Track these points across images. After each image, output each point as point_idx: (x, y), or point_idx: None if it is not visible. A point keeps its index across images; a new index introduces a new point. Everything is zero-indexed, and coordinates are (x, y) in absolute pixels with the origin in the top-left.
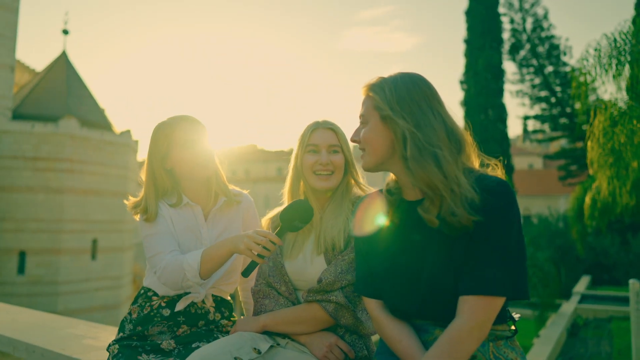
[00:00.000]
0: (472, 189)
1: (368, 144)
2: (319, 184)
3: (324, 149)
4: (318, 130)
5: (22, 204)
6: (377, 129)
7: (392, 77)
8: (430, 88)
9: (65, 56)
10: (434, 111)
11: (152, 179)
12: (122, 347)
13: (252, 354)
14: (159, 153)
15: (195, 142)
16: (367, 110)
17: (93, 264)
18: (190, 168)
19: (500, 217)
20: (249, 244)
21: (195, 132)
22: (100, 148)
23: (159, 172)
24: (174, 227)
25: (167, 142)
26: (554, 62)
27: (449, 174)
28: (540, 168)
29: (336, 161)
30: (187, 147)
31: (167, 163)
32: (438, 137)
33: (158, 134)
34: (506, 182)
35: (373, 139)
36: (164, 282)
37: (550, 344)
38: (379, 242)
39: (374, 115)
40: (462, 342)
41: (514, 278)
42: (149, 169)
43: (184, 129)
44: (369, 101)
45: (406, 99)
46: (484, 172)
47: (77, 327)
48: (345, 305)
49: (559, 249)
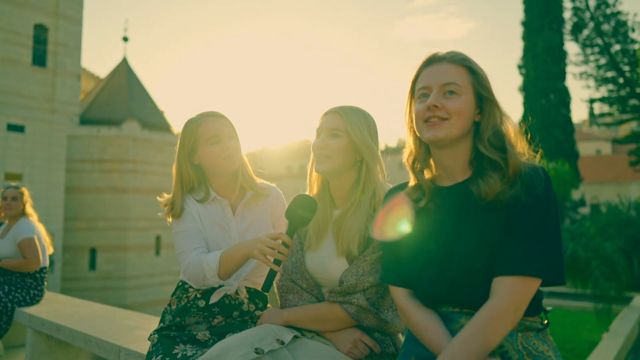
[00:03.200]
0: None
1: (457, 115)
2: (317, 167)
3: (324, 133)
4: (326, 116)
5: (91, 204)
6: (471, 104)
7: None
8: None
9: (126, 62)
10: None
11: (179, 176)
12: (161, 337)
13: (275, 345)
14: (186, 149)
15: (221, 137)
16: (463, 82)
17: (157, 259)
18: (217, 163)
19: (540, 199)
20: (262, 249)
21: (220, 127)
22: (161, 149)
23: (185, 168)
24: (201, 223)
25: (194, 138)
26: (621, 40)
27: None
28: (609, 153)
29: (332, 144)
30: (212, 142)
31: (194, 159)
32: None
33: (185, 131)
34: (543, 167)
35: (465, 112)
36: (188, 279)
37: (621, 339)
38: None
39: (469, 90)
40: (496, 323)
41: (551, 261)
42: (177, 166)
43: (209, 124)
44: (466, 74)
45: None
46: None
47: (132, 318)
48: (367, 308)
49: (631, 239)
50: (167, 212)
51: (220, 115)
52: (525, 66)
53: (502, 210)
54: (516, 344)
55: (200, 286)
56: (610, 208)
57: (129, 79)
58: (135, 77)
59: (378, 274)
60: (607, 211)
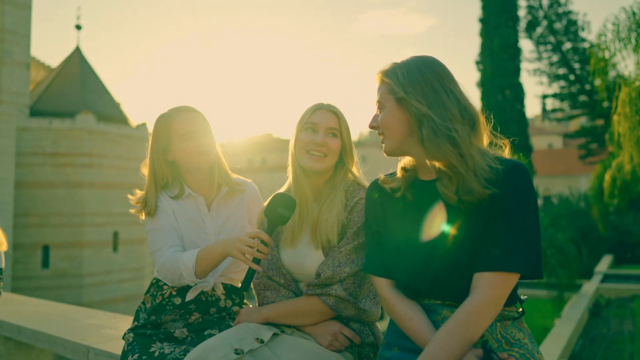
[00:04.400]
0: (489, 166)
1: (386, 128)
2: (309, 163)
3: (322, 130)
4: (320, 111)
5: (44, 199)
6: (394, 112)
7: (404, 62)
8: (442, 68)
9: (79, 51)
10: (447, 90)
11: (153, 172)
12: (136, 336)
13: (255, 344)
14: (159, 145)
15: (195, 132)
16: (383, 96)
17: (115, 256)
18: (191, 158)
19: (519, 195)
20: (241, 248)
21: (194, 123)
22: (117, 142)
23: (158, 165)
24: (176, 220)
25: (167, 134)
26: (571, 38)
27: (464, 151)
28: (560, 147)
29: (332, 144)
30: (186, 138)
31: (168, 155)
32: (452, 116)
33: (157, 126)
34: (523, 163)
35: (390, 123)
36: (163, 278)
37: (572, 324)
38: (392, 220)
39: (389, 99)
40: (478, 318)
41: (530, 256)
42: (150, 162)
43: (183, 120)
44: (384, 87)
45: (419, 81)
46: (499, 155)
47: (97, 317)
48: (345, 298)
49: (580, 229)
50: (140, 210)
51: (193, 110)
52: (482, 62)
53: (483, 206)
54: (495, 333)
55: (176, 284)
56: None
57: (82, 69)
58: (89, 67)
59: (354, 264)
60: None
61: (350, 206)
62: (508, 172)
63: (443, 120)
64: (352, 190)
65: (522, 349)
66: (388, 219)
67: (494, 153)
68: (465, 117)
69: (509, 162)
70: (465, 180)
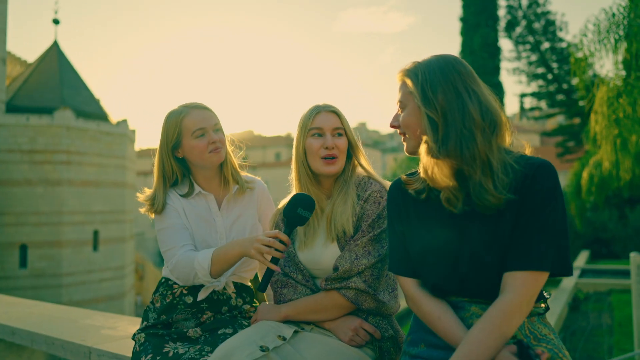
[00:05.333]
0: (510, 169)
1: (408, 129)
2: (325, 168)
3: (329, 132)
4: (321, 114)
5: (21, 197)
6: (415, 113)
7: (426, 61)
8: (464, 67)
9: (57, 46)
10: (469, 91)
11: (161, 170)
12: (148, 336)
13: (278, 342)
14: (169, 142)
15: (206, 129)
16: (404, 95)
17: (95, 255)
18: (203, 156)
19: (549, 195)
20: (259, 248)
21: (206, 120)
22: (97, 139)
23: (167, 162)
24: (186, 218)
25: (178, 130)
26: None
27: (478, 155)
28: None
29: (340, 144)
30: (198, 135)
31: (178, 152)
32: (472, 120)
33: (168, 123)
34: (549, 162)
35: (412, 123)
36: (176, 277)
37: (553, 319)
38: (417, 221)
39: (411, 99)
40: (512, 316)
41: (561, 255)
42: (159, 159)
43: (195, 117)
44: (405, 87)
45: (441, 82)
46: (523, 153)
47: (94, 318)
48: (365, 290)
49: None
50: (148, 209)
51: (204, 107)
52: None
53: (512, 206)
54: (524, 329)
55: (189, 284)
56: None
57: (60, 64)
58: (67, 62)
59: (371, 256)
60: None
61: (364, 198)
62: (536, 171)
63: (463, 125)
64: (363, 183)
65: (550, 344)
66: (413, 220)
67: (517, 152)
68: (486, 120)
69: (534, 162)
70: (476, 188)
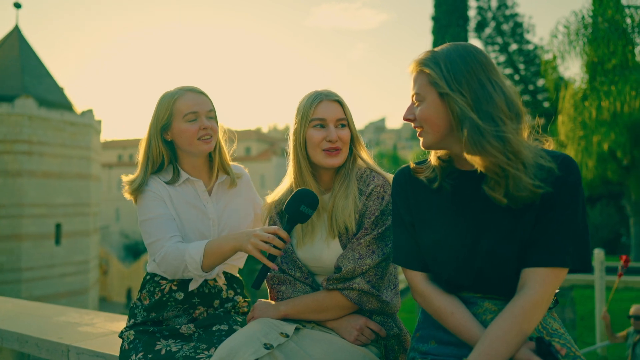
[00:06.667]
0: (539, 163)
1: (427, 123)
2: (328, 161)
3: (332, 124)
4: (323, 103)
5: None
6: (436, 106)
7: (444, 50)
8: (485, 57)
9: (18, 31)
10: (492, 82)
11: (148, 151)
12: (138, 333)
13: (281, 339)
14: (159, 122)
15: (199, 114)
16: (422, 87)
17: (57, 249)
18: (191, 142)
19: (572, 191)
20: (256, 244)
21: (200, 104)
22: (60, 129)
23: (155, 143)
24: (173, 207)
25: (169, 111)
26: (517, 40)
27: (515, 150)
28: None
29: (344, 136)
30: (189, 119)
31: (167, 134)
32: (500, 111)
33: (160, 103)
34: (570, 156)
35: (432, 117)
36: (164, 270)
37: None
38: (428, 212)
39: (431, 92)
40: (534, 312)
41: (582, 251)
42: (146, 140)
43: (188, 100)
44: (423, 77)
45: (463, 73)
46: (542, 147)
47: (68, 314)
48: (368, 291)
49: None
50: (128, 189)
51: (201, 91)
52: None
53: (534, 202)
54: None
55: (178, 277)
56: None
57: (22, 50)
58: (29, 48)
59: (375, 255)
60: None
61: (366, 193)
62: (560, 167)
63: (491, 117)
64: (365, 177)
65: (562, 339)
66: (423, 210)
67: (536, 145)
68: (512, 111)
69: (557, 156)
70: (516, 181)
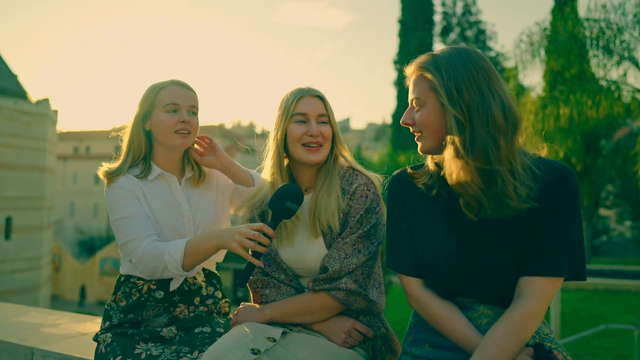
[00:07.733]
0: (532, 175)
1: (427, 128)
2: (309, 157)
3: (313, 119)
4: (305, 98)
5: None
6: (436, 112)
7: (446, 54)
8: (487, 63)
9: None
10: (492, 91)
11: (130, 140)
12: (115, 336)
13: (268, 344)
14: (142, 111)
15: (180, 107)
16: (423, 92)
17: (7, 244)
18: (167, 134)
19: (570, 202)
20: (241, 241)
21: (183, 97)
22: (13, 118)
23: (136, 132)
24: (147, 204)
25: (152, 100)
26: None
27: (502, 161)
28: None
29: (325, 132)
30: (168, 110)
31: (147, 124)
32: (495, 122)
33: (146, 92)
34: (567, 166)
35: (433, 123)
36: (141, 271)
37: None
38: (425, 219)
39: (432, 97)
40: (532, 320)
41: (578, 260)
42: (130, 129)
43: (172, 91)
44: (424, 82)
45: (464, 80)
46: (539, 155)
47: (29, 314)
48: (356, 290)
49: None
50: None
51: (188, 87)
52: (400, 62)
53: (532, 212)
54: None
55: (156, 277)
56: None
57: None
58: None
59: (361, 254)
60: None
61: (350, 192)
62: (559, 177)
63: (487, 130)
64: (348, 176)
65: (553, 343)
66: (421, 217)
67: (533, 153)
68: (509, 122)
69: (556, 166)
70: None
